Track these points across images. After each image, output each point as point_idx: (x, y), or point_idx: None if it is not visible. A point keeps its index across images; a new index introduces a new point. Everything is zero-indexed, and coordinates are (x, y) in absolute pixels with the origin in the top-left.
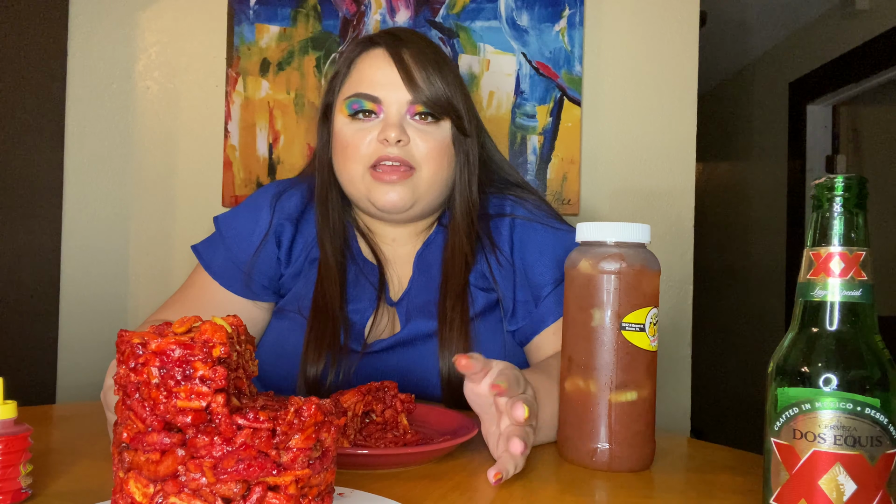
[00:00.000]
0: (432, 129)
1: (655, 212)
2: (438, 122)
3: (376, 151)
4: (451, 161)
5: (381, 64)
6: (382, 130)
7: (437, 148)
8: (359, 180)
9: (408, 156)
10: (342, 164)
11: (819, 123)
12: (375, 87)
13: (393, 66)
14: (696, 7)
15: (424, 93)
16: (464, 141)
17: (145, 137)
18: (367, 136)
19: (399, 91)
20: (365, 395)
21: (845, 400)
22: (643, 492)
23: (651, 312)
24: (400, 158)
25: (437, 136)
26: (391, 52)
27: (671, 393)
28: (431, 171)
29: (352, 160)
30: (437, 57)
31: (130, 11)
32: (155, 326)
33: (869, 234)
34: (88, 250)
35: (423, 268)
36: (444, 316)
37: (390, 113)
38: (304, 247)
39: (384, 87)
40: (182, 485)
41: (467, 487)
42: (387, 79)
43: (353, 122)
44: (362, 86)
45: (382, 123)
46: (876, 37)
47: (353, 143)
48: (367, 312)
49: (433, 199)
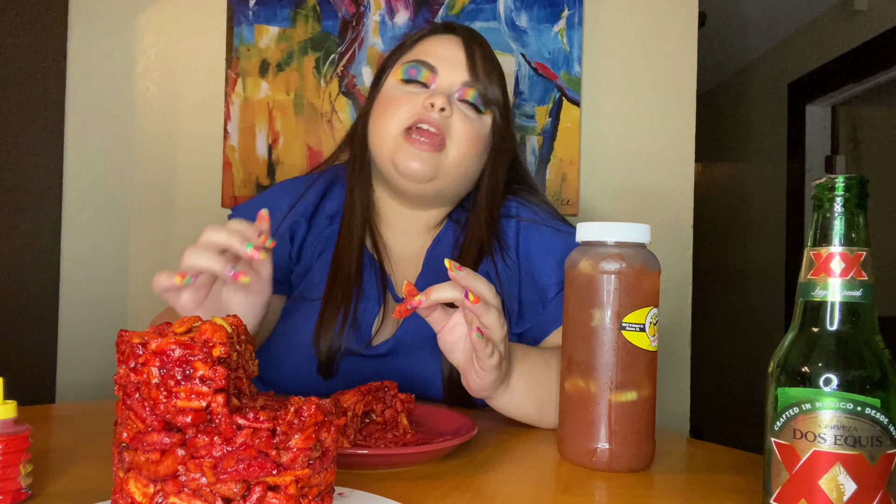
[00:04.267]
0: (474, 117)
1: (655, 212)
2: (481, 116)
3: (417, 113)
4: (481, 153)
5: (451, 45)
6: (430, 96)
7: (472, 134)
8: (390, 139)
9: (446, 127)
10: (379, 121)
11: (818, 124)
12: (437, 59)
13: (461, 51)
14: (696, 7)
15: (482, 82)
16: (500, 145)
17: (145, 138)
18: (412, 98)
19: (458, 71)
20: (365, 395)
21: (845, 400)
22: (643, 492)
23: (651, 312)
24: (437, 125)
25: (476, 124)
26: (465, 40)
27: (671, 393)
28: (460, 152)
29: (390, 117)
30: (499, 68)
31: (130, 12)
32: (155, 326)
33: (869, 234)
34: (88, 250)
35: (432, 264)
36: None
37: (442, 85)
38: (313, 244)
39: (445, 62)
40: (182, 485)
41: (467, 487)
42: (451, 57)
43: (403, 86)
44: (424, 55)
45: (431, 92)
46: (875, 37)
47: (395, 102)
48: (373, 311)
49: (453, 183)
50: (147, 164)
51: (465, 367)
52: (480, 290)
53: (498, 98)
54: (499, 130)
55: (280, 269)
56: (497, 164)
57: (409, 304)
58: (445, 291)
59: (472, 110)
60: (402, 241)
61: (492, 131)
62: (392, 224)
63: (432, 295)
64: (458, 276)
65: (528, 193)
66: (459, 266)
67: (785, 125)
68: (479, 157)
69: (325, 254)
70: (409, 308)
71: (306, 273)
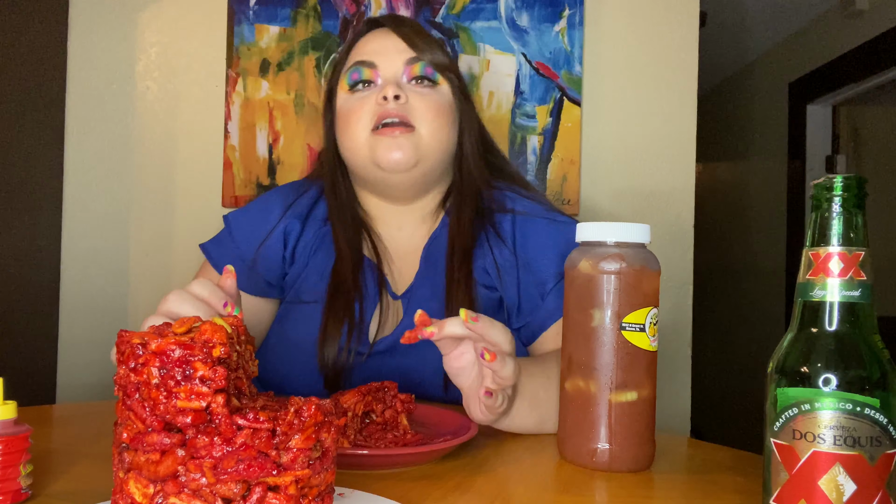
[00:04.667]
0: (429, 92)
1: (655, 212)
2: (436, 87)
3: (376, 112)
4: (451, 123)
5: (382, 36)
6: (380, 91)
7: (434, 108)
8: (362, 144)
9: (407, 112)
10: (345, 133)
11: (819, 123)
12: (373, 54)
13: (393, 36)
14: (696, 7)
15: (426, 53)
16: (466, 105)
17: (145, 137)
18: (366, 103)
19: (397, 55)
20: (365, 396)
21: (845, 400)
22: (643, 492)
23: (651, 312)
24: (399, 115)
25: (435, 97)
26: (392, 25)
27: (671, 393)
28: (431, 129)
29: (354, 126)
30: (437, 38)
31: (130, 11)
32: (155, 326)
33: (868, 234)
34: (88, 250)
35: (430, 261)
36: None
37: (387, 76)
38: (307, 245)
39: (380, 54)
40: (182, 485)
41: (467, 487)
42: (385, 46)
43: (352, 95)
44: (360, 56)
45: (380, 87)
46: (876, 37)
47: (353, 112)
48: (369, 310)
49: (436, 161)
50: (147, 164)
51: (470, 394)
52: (497, 338)
53: (446, 62)
54: (459, 93)
55: (273, 272)
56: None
57: (420, 335)
58: (459, 329)
59: (427, 84)
60: (399, 239)
61: (454, 97)
62: (387, 223)
63: (445, 330)
64: (474, 327)
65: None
66: (475, 316)
67: (786, 125)
68: (452, 126)
69: (319, 252)
70: (420, 337)
71: (301, 273)
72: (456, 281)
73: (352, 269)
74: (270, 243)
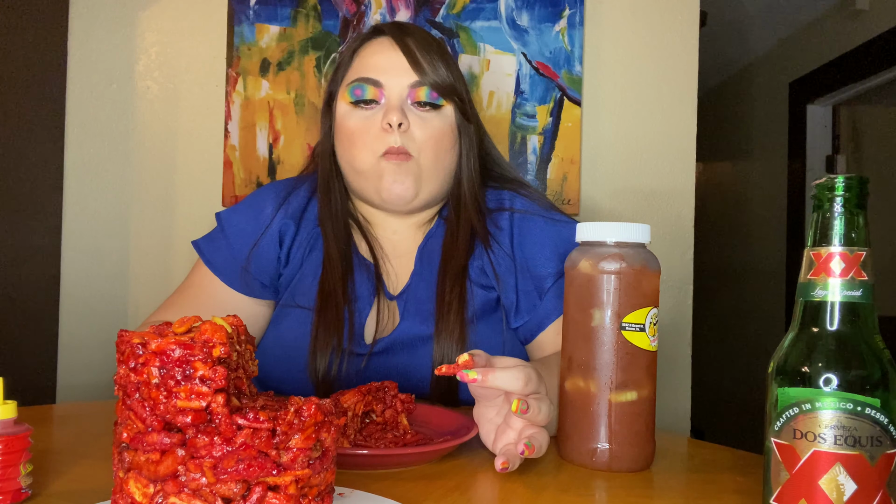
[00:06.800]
0: (431, 117)
1: (655, 212)
2: (439, 110)
3: (381, 138)
4: (452, 148)
5: (386, 50)
6: (385, 115)
7: (435, 135)
8: (369, 168)
9: (407, 143)
10: (349, 152)
11: (819, 123)
12: (378, 72)
13: (397, 51)
14: (696, 7)
15: (430, 76)
16: (468, 127)
17: (145, 137)
18: (371, 124)
19: (402, 76)
20: (365, 395)
21: (845, 400)
22: (643, 492)
23: (651, 312)
24: (400, 146)
25: (436, 123)
26: (396, 38)
27: (671, 393)
28: (430, 158)
29: (360, 149)
30: (439, 47)
31: (130, 11)
32: (155, 326)
33: (869, 234)
34: (88, 250)
35: (425, 261)
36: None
37: (392, 97)
38: (301, 245)
39: (387, 72)
40: (182, 485)
41: (467, 487)
42: (390, 63)
43: (355, 111)
44: (365, 71)
45: (384, 109)
46: (876, 37)
47: (359, 134)
48: (365, 310)
49: (436, 188)
50: (147, 164)
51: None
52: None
53: (450, 83)
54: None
55: (267, 272)
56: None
57: (460, 377)
58: (504, 382)
59: (429, 109)
60: (394, 240)
61: (457, 118)
62: (382, 227)
63: (489, 380)
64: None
65: (520, 186)
66: (525, 408)
67: (786, 125)
68: (452, 149)
69: (314, 253)
70: (459, 378)
71: (295, 275)
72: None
73: (341, 276)
74: (265, 243)
